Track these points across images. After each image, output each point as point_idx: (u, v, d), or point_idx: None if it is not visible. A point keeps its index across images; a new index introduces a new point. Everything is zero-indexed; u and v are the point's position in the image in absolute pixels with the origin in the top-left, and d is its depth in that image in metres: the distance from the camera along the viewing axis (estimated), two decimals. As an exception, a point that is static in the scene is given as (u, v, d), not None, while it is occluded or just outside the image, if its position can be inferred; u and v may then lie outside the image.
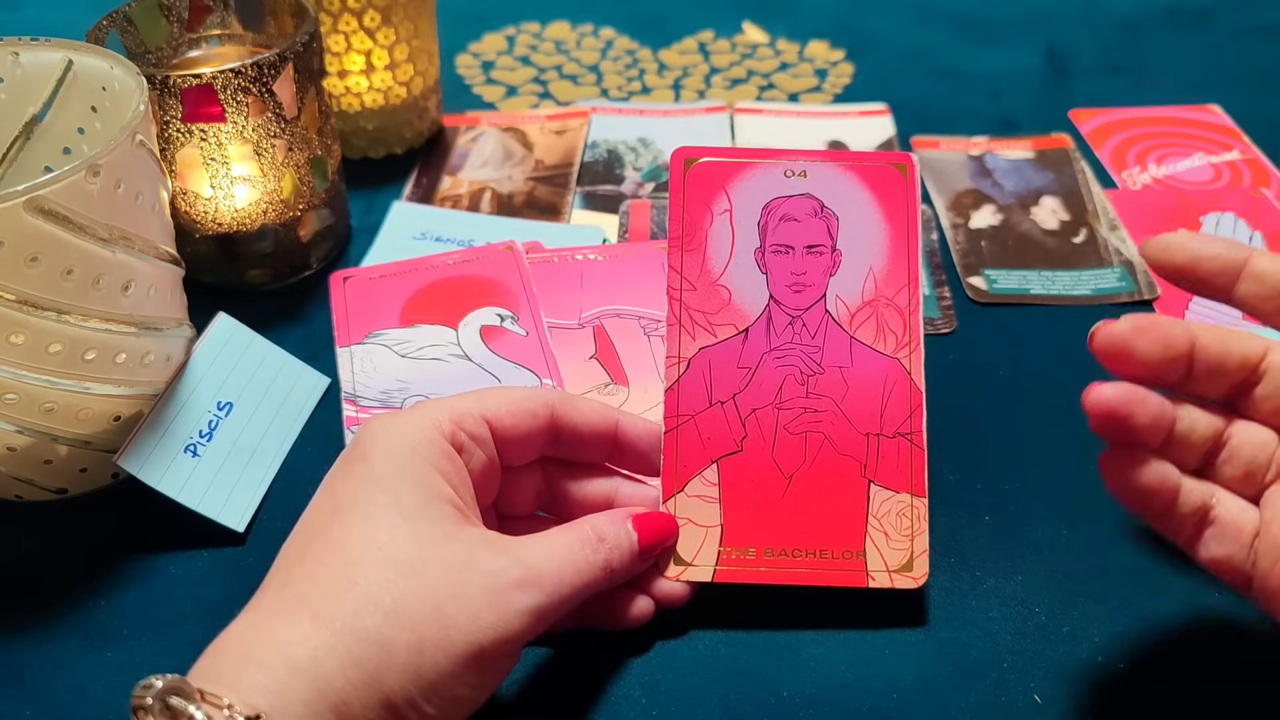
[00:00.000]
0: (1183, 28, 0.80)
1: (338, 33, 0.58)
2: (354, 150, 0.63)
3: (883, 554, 0.37)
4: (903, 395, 0.38)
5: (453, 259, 0.53)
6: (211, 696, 0.26)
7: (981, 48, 0.77)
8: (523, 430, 0.35)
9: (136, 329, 0.39)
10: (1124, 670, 0.36)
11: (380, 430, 0.33)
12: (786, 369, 0.38)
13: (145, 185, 0.38)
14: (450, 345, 0.48)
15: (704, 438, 0.38)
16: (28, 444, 0.39)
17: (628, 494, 0.38)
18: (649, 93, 0.72)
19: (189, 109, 0.46)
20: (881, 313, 0.39)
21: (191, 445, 0.41)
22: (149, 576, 0.40)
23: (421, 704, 0.28)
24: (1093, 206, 0.59)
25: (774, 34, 0.79)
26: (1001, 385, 0.48)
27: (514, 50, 0.78)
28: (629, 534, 0.35)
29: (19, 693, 0.36)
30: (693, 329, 0.39)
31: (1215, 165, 0.63)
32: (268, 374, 0.46)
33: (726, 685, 0.36)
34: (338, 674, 0.27)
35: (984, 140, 0.65)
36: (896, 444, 0.38)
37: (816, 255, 0.39)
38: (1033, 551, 0.40)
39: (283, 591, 0.29)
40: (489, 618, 0.29)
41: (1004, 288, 0.54)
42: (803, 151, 0.40)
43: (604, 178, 0.62)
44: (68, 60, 0.41)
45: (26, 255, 0.34)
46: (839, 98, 0.71)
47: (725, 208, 0.39)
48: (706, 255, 0.39)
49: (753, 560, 0.37)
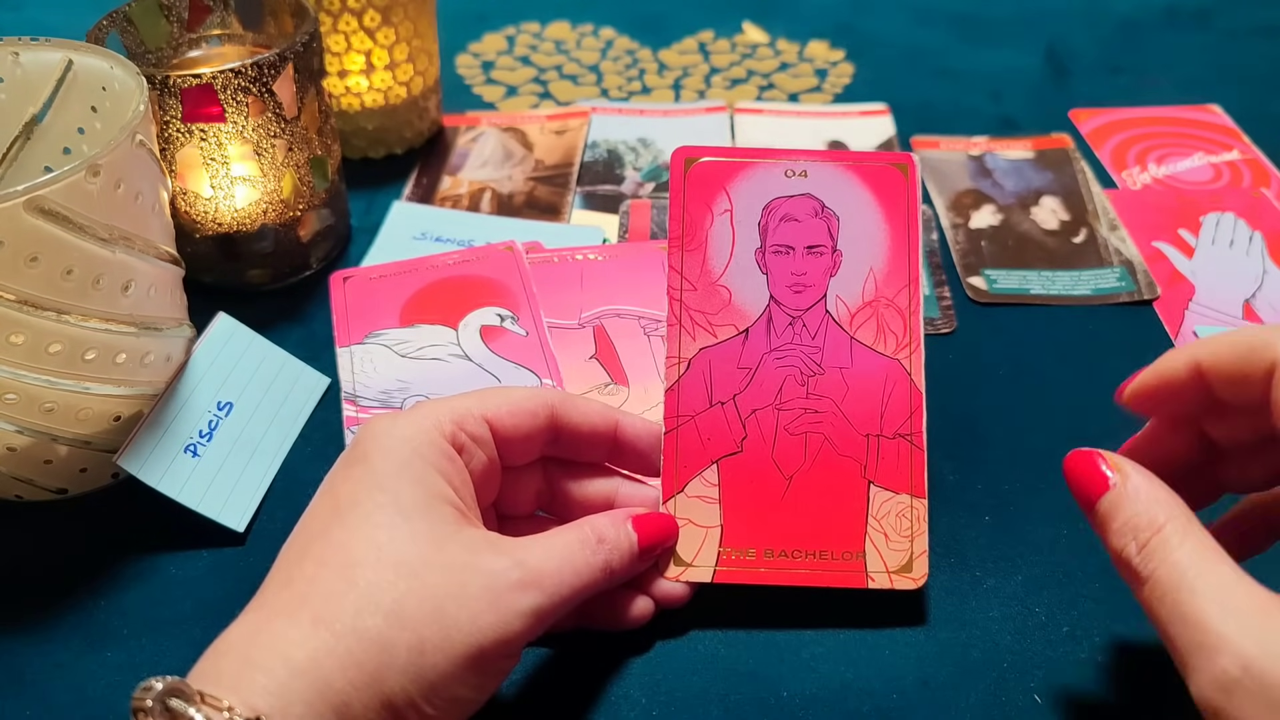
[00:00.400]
0: (1183, 28, 0.80)
1: (338, 33, 0.58)
2: (354, 150, 0.63)
3: (882, 555, 0.37)
4: (903, 396, 0.38)
5: (453, 259, 0.53)
6: (211, 698, 0.26)
7: (981, 48, 0.77)
8: (523, 430, 0.35)
9: (136, 329, 0.39)
10: (1124, 670, 0.36)
11: (380, 431, 0.33)
12: (787, 369, 0.38)
13: (145, 185, 0.38)
14: (450, 345, 0.48)
15: (704, 438, 0.38)
16: (28, 444, 0.39)
17: (628, 494, 0.38)
18: (649, 93, 0.72)
19: (189, 109, 0.46)
20: (882, 313, 0.39)
21: (191, 445, 0.41)
22: (149, 576, 0.40)
23: (422, 705, 0.28)
24: (1093, 206, 0.59)
25: (774, 34, 0.79)
26: (1001, 385, 0.48)
27: (514, 50, 0.78)
28: (629, 535, 0.35)
29: (19, 693, 0.36)
30: (693, 329, 0.39)
31: (1215, 165, 0.63)
32: (268, 374, 0.46)
33: (726, 685, 0.36)
34: (338, 675, 0.27)
35: (984, 140, 0.65)
36: (896, 445, 0.38)
37: (817, 255, 0.39)
38: (1033, 551, 0.40)
39: (283, 592, 0.29)
40: (489, 618, 0.29)
41: (1004, 288, 0.54)
42: (803, 151, 0.40)
43: (604, 178, 0.62)
44: (68, 60, 0.41)
45: (26, 255, 0.34)
46: (839, 98, 0.72)
47: (726, 208, 0.39)
48: (707, 255, 0.39)
49: (752, 561, 0.37)
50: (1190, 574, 0.27)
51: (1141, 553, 0.28)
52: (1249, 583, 0.27)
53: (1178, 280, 0.54)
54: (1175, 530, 0.28)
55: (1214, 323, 0.51)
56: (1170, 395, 0.31)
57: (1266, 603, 0.26)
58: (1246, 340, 0.30)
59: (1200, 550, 0.28)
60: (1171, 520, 0.29)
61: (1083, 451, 0.32)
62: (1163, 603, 0.27)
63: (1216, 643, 0.26)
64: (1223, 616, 0.26)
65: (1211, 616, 0.26)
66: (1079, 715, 0.35)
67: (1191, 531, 0.28)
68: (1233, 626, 0.26)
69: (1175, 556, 0.28)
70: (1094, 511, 0.31)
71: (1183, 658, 0.27)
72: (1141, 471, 0.30)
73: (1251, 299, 0.53)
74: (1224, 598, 0.26)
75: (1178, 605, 0.27)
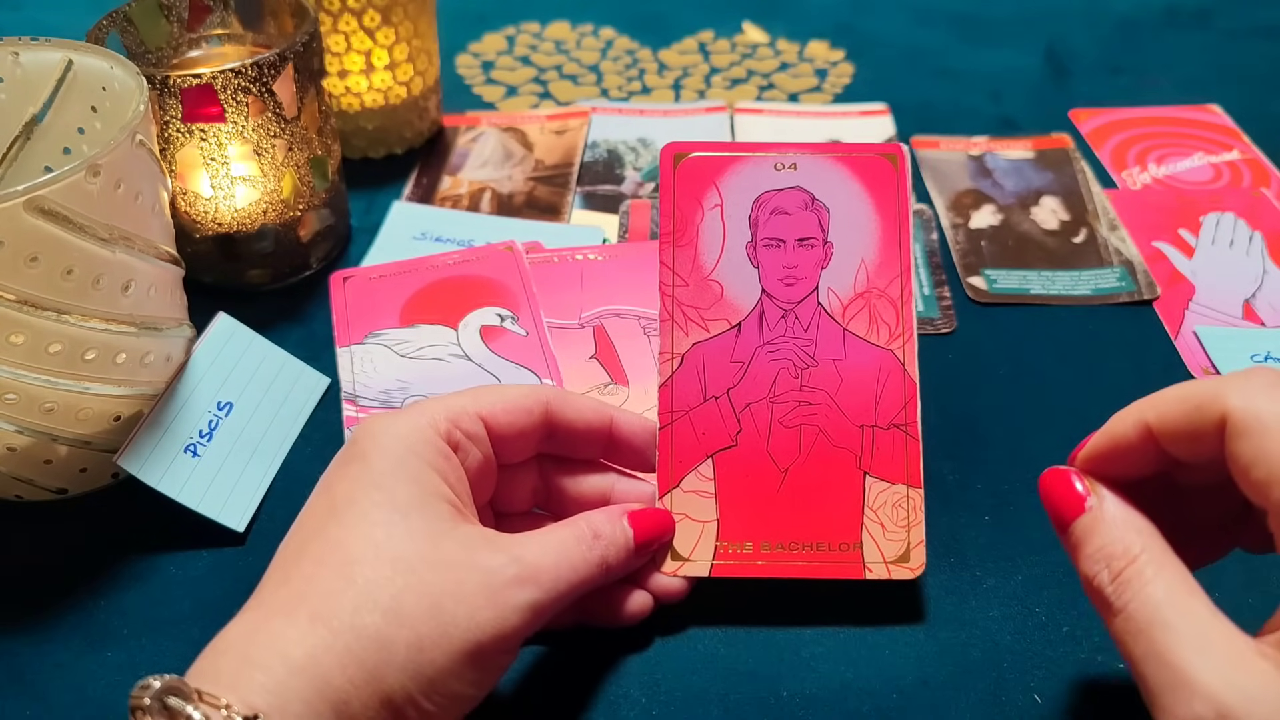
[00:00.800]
0: (1183, 28, 0.80)
1: (338, 33, 0.58)
2: (354, 150, 0.63)
3: (879, 545, 0.37)
4: (897, 386, 0.38)
5: (453, 259, 0.53)
6: (209, 696, 0.26)
7: (981, 48, 0.77)
8: (518, 427, 0.35)
9: (136, 329, 0.39)
10: (1124, 670, 0.36)
11: (376, 429, 0.33)
12: (780, 362, 0.38)
13: (145, 185, 0.38)
14: (450, 345, 0.48)
15: (699, 433, 0.38)
16: (28, 444, 0.39)
17: (624, 490, 0.38)
18: (649, 93, 0.72)
19: (189, 109, 0.46)
20: (874, 304, 0.39)
21: (191, 445, 0.41)
22: (149, 576, 0.40)
23: (421, 701, 0.28)
24: (1093, 206, 0.59)
25: (774, 34, 0.79)
26: (1001, 385, 0.48)
27: (514, 50, 0.78)
28: (625, 530, 0.35)
29: (19, 692, 0.36)
30: (685, 324, 0.39)
31: (1215, 165, 0.63)
32: (268, 374, 0.46)
33: (726, 685, 0.36)
34: (337, 672, 0.27)
35: (984, 140, 0.65)
36: (891, 435, 0.38)
37: (808, 248, 0.39)
38: (1033, 551, 0.40)
39: (280, 591, 0.29)
40: (487, 615, 0.29)
41: (1004, 288, 0.54)
42: (793, 145, 0.40)
43: (604, 178, 0.62)
44: (68, 60, 0.41)
45: (26, 255, 0.34)
46: (839, 98, 0.72)
47: (716, 202, 0.39)
48: (698, 250, 0.39)
49: (749, 554, 0.37)
50: (1165, 610, 0.27)
51: (1115, 583, 0.28)
52: (1224, 623, 0.26)
53: (1178, 280, 0.54)
54: (1150, 561, 0.28)
55: (1214, 322, 0.51)
56: (1122, 458, 0.31)
57: (1243, 646, 0.26)
58: (1193, 396, 0.28)
59: (1176, 585, 0.27)
60: (1146, 550, 0.28)
61: (1059, 470, 0.31)
62: (1136, 639, 0.27)
63: (1191, 685, 0.25)
64: (1198, 658, 0.25)
65: (1187, 658, 0.26)
66: (1079, 715, 0.35)
67: (1167, 564, 0.28)
68: (1209, 669, 0.25)
69: (1149, 590, 0.27)
70: (1068, 534, 0.30)
71: (1154, 696, 0.26)
72: (1118, 496, 0.30)
73: (1251, 299, 0.53)
74: (1200, 638, 0.26)
75: (1152, 643, 0.26)
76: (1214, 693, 0.25)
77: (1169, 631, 0.26)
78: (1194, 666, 0.25)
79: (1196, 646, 0.26)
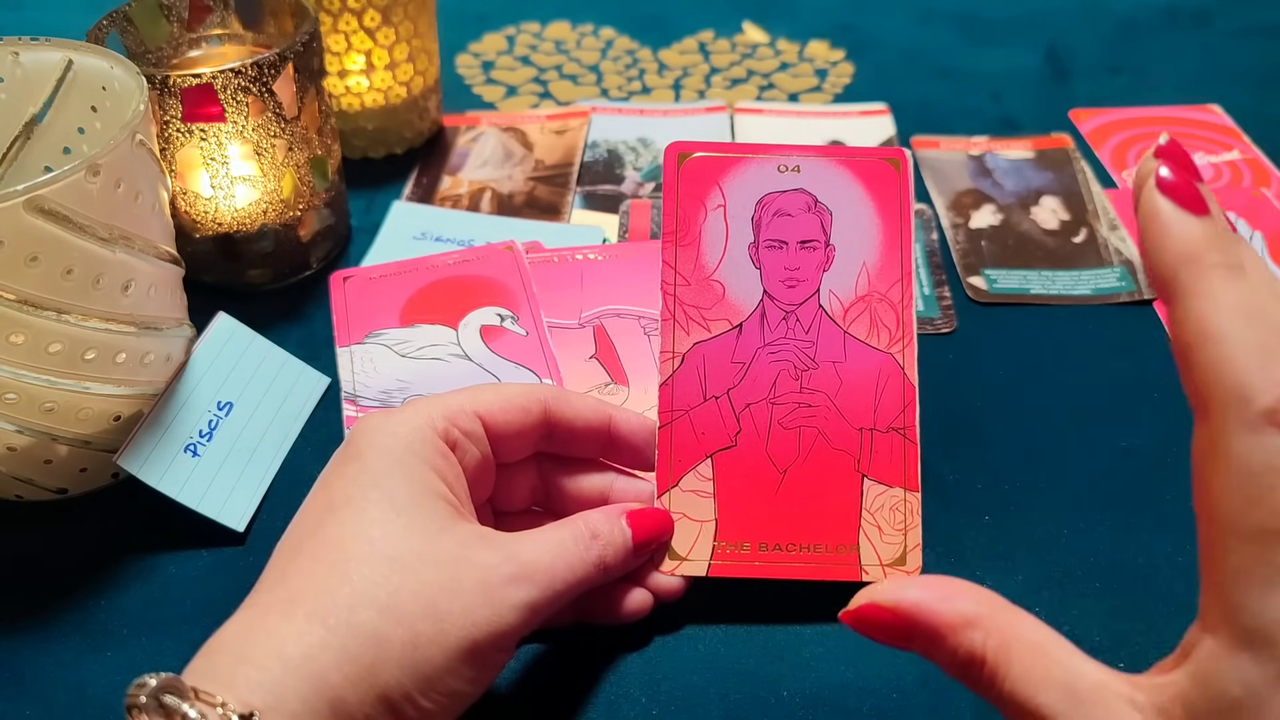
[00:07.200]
0: (1182, 28, 0.80)
1: (338, 33, 0.58)
2: (354, 150, 0.63)
3: (876, 548, 0.37)
4: (896, 390, 0.38)
5: (453, 259, 0.53)
6: (205, 695, 0.26)
7: (981, 48, 0.77)
8: (516, 426, 0.35)
9: (136, 329, 0.39)
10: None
11: (374, 428, 0.33)
12: (780, 364, 0.38)
13: (145, 185, 0.38)
14: (450, 345, 0.48)
15: (698, 433, 0.38)
16: (28, 444, 0.39)
17: (622, 489, 0.38)
18: (649, 93, 0.72)
19: (189, 109, 0.46)
20: (875, 308, 0.39)
21: (191, 445, 0.41)
22: (149, 576, 0.40)
23: (418, 698, 0.29)
24: (1093, 206, 0.59)
25: (774, 34, 0.79)
26: (1001, 385, 0.48)
27: (514, 50, 0.78)
28: (623, 530, 0.35)
29: (19, 692, 0.36)
30: (686, 324, 0.39)
31: (1215, 165, 0.63)
32: (268, 374, 0.46)
33: (726, 684, 0.36)
34: (333, 670, 0.27)
35: (984, 140, 0.65)
36: (889, 439, 0.38)
37: (810, 250, 0.39)
38: (1033, 551, 0.40)
39: (277, 589, 0.29)
40: (483, 613, 0.30)
41: (1004, 287, 0.54)
42: (796, 146, 0.40)
43: (604, 177, 0.62)
44: (68, 60, 0.41)
45: (26, 255, 0.34)
46: (839, 98, 0.72)
47: (719, 203, 0.39)
48: (700, 250, 0.39)
49: (747, 555, 0.37)
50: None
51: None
52: None
53: (1178, 279, 0.54)
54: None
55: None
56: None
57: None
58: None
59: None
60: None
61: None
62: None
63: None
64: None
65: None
66: (1078, 714, 0.35)
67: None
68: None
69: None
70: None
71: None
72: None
73: (1252, 298, 0.53)
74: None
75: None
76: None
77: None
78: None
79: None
